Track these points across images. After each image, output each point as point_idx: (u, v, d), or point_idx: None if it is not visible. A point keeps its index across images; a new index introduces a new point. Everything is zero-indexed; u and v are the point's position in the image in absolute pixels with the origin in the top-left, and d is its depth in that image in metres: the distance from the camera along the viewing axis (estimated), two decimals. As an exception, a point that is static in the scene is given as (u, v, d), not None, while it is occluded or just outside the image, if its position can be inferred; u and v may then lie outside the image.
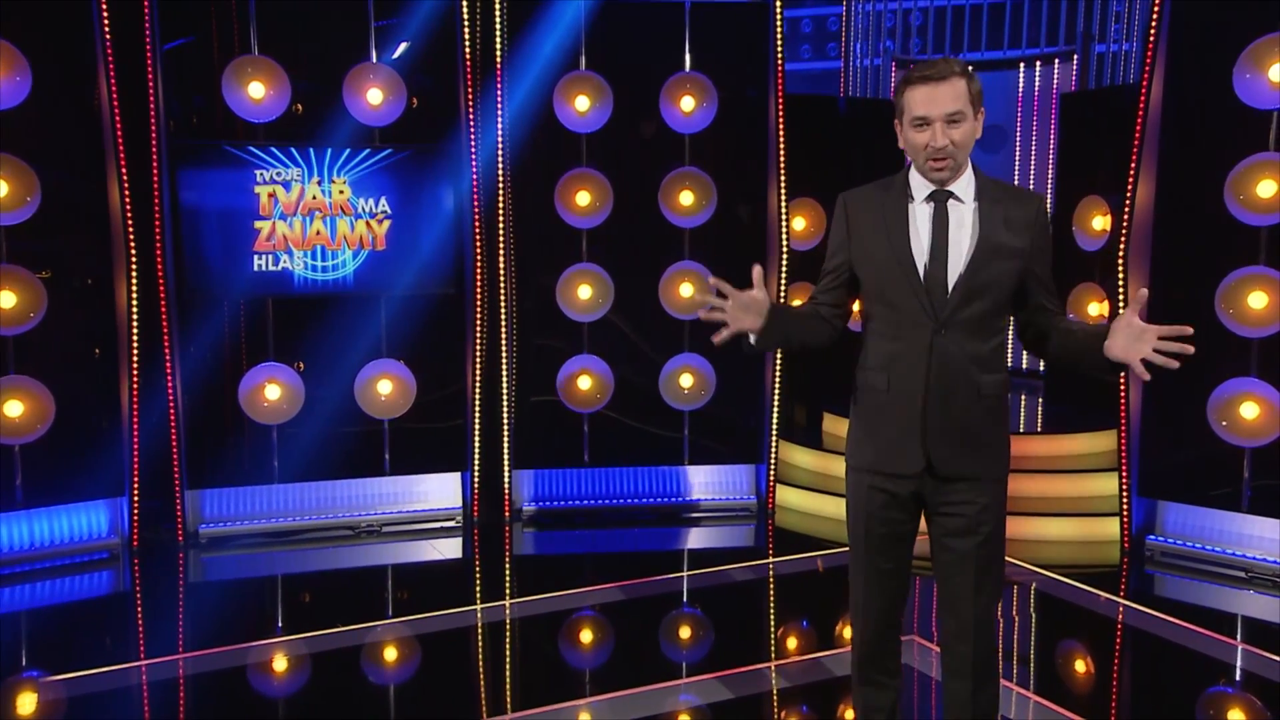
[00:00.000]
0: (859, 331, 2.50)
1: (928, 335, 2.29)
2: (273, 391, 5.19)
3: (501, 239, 5.37)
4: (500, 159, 5.32)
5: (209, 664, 3.77)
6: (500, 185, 5.34)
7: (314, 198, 5.15)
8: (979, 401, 2.31)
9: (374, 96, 5.17)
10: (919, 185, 2.34)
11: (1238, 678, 3.76)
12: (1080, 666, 3.97)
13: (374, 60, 5.24)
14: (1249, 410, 4.55)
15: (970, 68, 2.32)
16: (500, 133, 5.30)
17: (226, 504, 5.28)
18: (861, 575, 2.46)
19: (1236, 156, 4.49)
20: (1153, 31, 4.65)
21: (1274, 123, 4.45)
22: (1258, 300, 4.47)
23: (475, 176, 5.27)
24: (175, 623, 4.29)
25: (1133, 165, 4.72)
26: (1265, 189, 4.41)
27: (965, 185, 2.32)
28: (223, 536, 5.20)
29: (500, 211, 5.35)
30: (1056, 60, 8.11)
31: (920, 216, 2.33)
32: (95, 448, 4.97)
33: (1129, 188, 4.74)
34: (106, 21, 4.69)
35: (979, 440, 2.33)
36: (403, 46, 5.29)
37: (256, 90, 5.00)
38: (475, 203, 5.28)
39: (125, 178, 4.78)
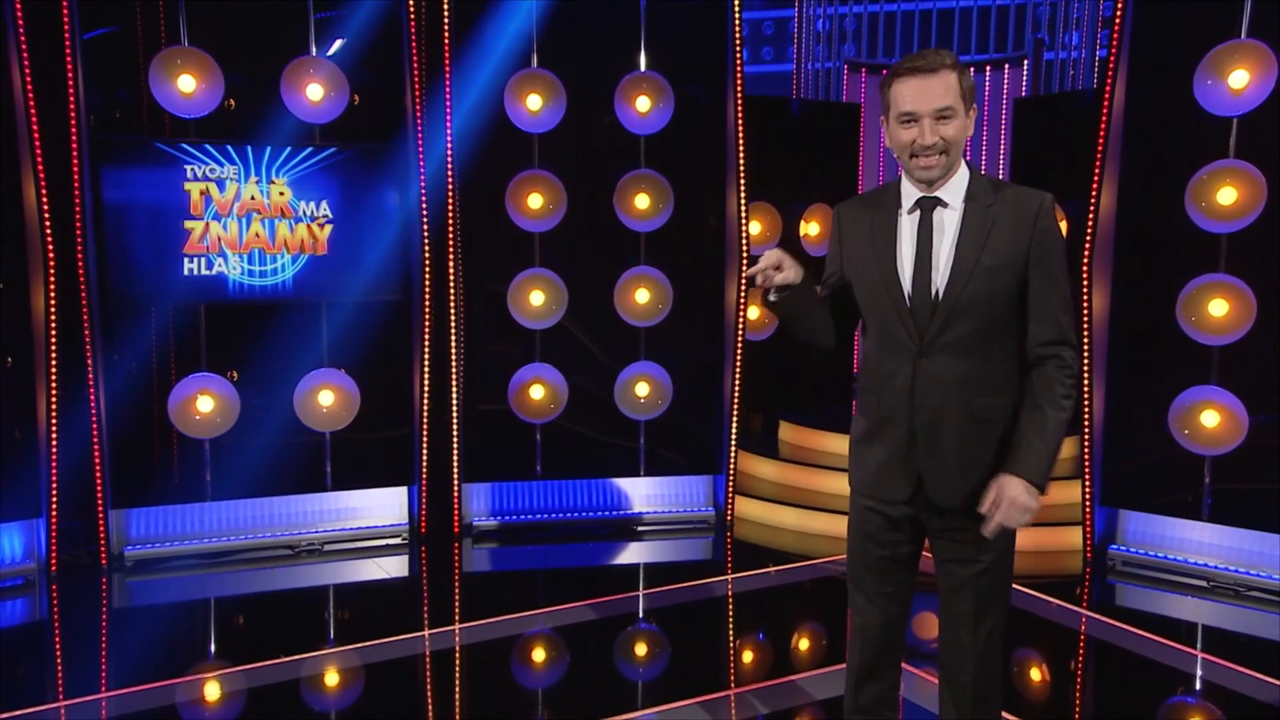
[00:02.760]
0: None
1: (911, 357, 2.14)
2: (205, 403, 4.89)
3: (451, 243, 5.14)
4: (449, 159, 5.09)
5: (135, 703, 3.47)
6: (449, 187, 5.11)
7: (252, 198, 4.87)
8: (974, 426, 2.15)
9: (314, 93, 4.90)
10: (908, 193, 2.20)
11: (1199, 687, 3.71)
12: (1044, 679, 3.88)
13: (314, 54, 4.98)
14: (1210, 418, 4.53)
15: (962, 63, 2.15)
16: (448, 132, 5.08)
17: (154, 524, 4.96)
18: (861, 599, 2.32)
19: (1197, 163, 4.47)
20: (1115, 38, 4.61)
21: (1233, 130, 4.44)
22: (1218, 308, 4.46)
23: (423, 177, 5.04)
24: (98, 656, 3.98)
25: (1096, 172, 4.68)
26: (1226, 196, 4.40)
27: (955, 190, 2.16)
28: (150, 559, 4.88)
29: (450, 214, 5.12)
30: (1006, 66, 8.14)
31: (906, 228, 2.17)
32: (9, 465, 4.61)
33: (1093, 194, 4.70)
34: (20, 7, 4.36)
35: (976, 468, 2.17)
36: (339, 43, 5.04)
37: (187, 84, 4.71)
38: (423, 205, 5.05)
39: (42, 175, 4.44)
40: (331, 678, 3.77)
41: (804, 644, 4.18)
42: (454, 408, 5.25)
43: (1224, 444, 4.52)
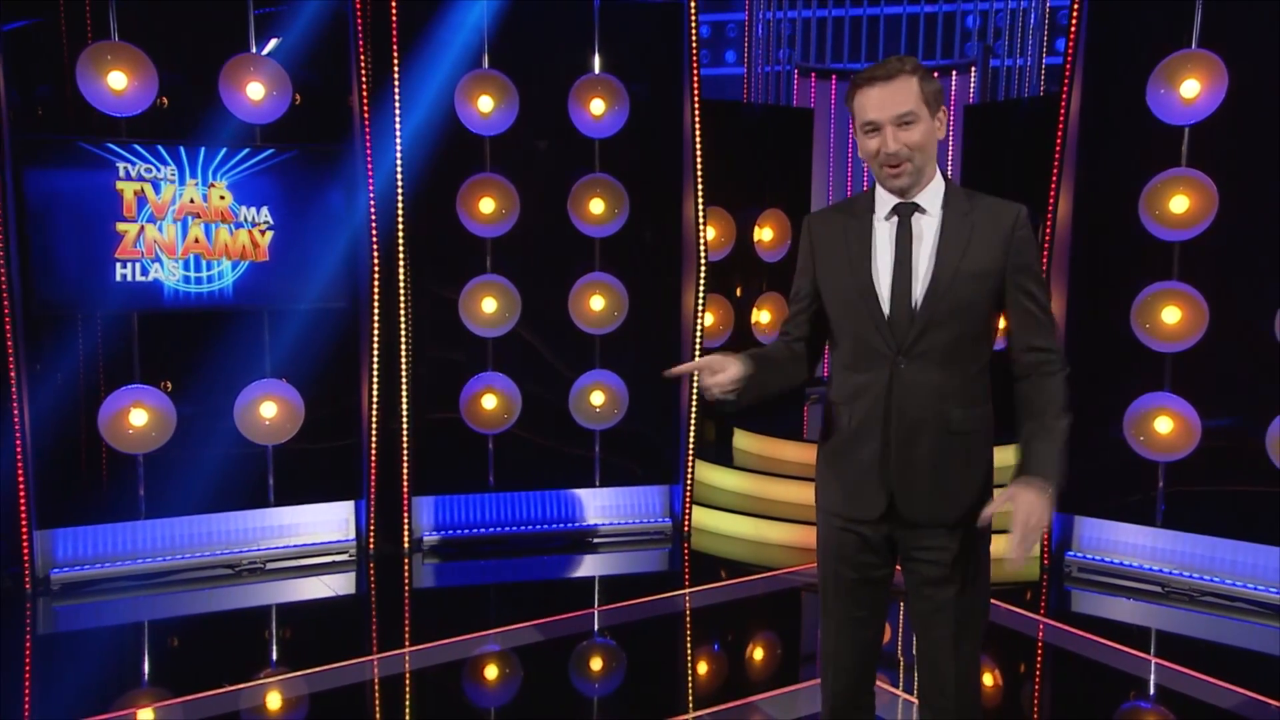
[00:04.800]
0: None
1: (888, 366, 2.08)
2: (139, 417, 4.65)
3: (401, 248, 4.97)
4: (398, 162, 4.92)
5: (62, 740, 3.27)
6: (398, 191, 4.94)
7: (191, 201, 4.64)
8: (950, 439, 2.10)
9: (255, 91, 4.70)
10: (883, 200, 2.15)
11: (1154, 693, 3.72)
12: (1001, 686, 3.86)
13: (254, 51, 4.77)
14: (1163, 425, 4.57)
15: (924, 67, 2.11)
16: (397, 134, 4.90)
17: (84, 544, 4.70)
18: (833, 624, 2.24)
19: (1151, 172, 4.51)
20: (1070, 45, 4.63)
21: (1185, 138, 4.48)
22: (1171, 315, 4.49)
23: (371, 181, 4.86)
24: (20, 688, 3.73)
25: (1054, 180, 4.69)
26: (1178, 204, 4.44)
27: (932, 196, 2.12)
28: (78, 582, 4.62)
29: (399, 219, 4.95)
30: (954, 72, 8.19)
31: (883, 235, 2.12)
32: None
33: (1050, 202, 4.71)
34: (-65, -4, 4.10)
35: (951, 482, 2.11)
36: (274, 42, 4.84)
37: (117, 80, 4.47)
38: (371, 209, 4.87)
39: (-41, 176, 4.19)
40: (275, 705, 3.58)
41: (767, 661, 4.11)
42: (403, 419, 5.08)
43: (1177, 450, 4.56)
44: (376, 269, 4.90)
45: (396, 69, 4.89)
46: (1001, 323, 2.19)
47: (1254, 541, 4.45)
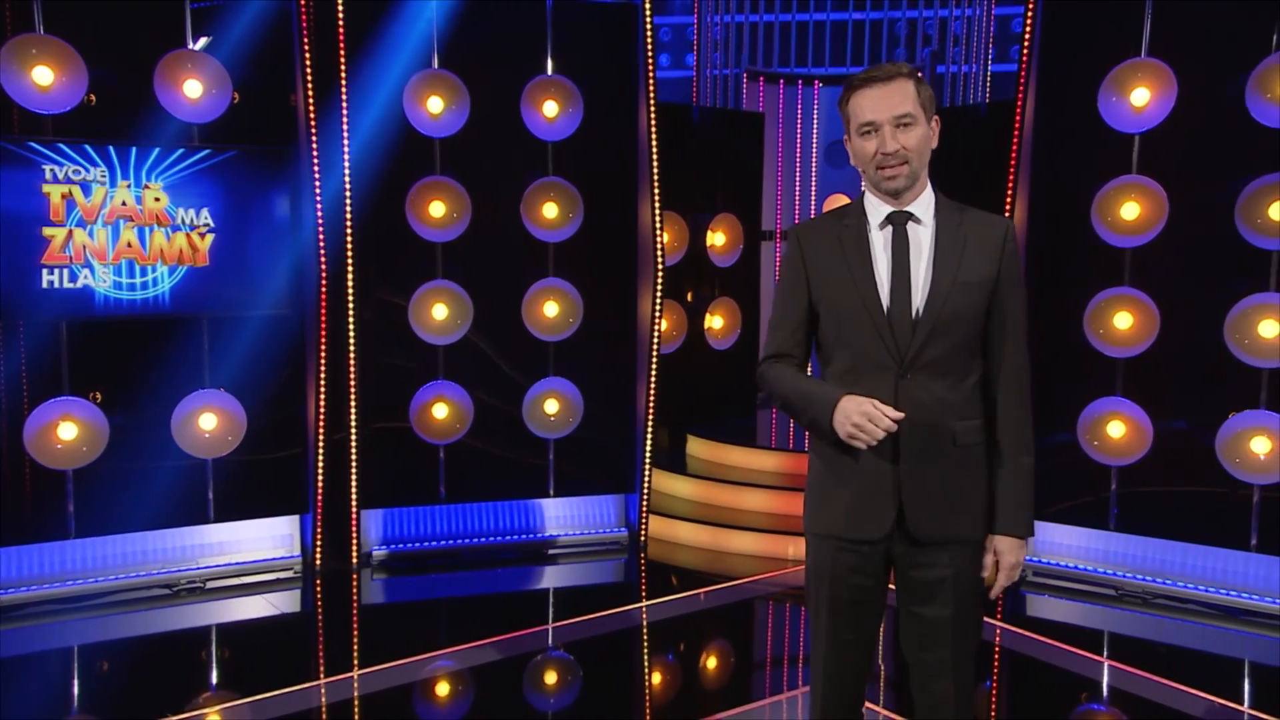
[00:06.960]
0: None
1: (893, 378, 2.03)
2: (68, 430, 4.41)
3: (349, 253, 4.79)
4: (345, 164, 4.75)
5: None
6: (346, 194, 4.77)
7: (123, 203, 4.42)
8: (955, 452, 2.06)
9: (192, 89, 4.50)
10: (875, 209, 2.11)
11: (1106, 695, 3.74)
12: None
13: (191, 47, 4.57)
14: (1115, 429, 4.62)
15: (920, 74, 2.08)
16: (345, 135, 4.74)
17: (7, 566, 4.44)
18: (822, 647, 2.17)
19: (1102, 178, 4.55)
20: (1025, 53, 4.66)
21: (1135, 146, 4.54)
22: (1123, 320, 4.55)
23: (317, 183, 4.68)
24: (-60, 723, 3.49)
25: (1010, 187, 4.72)
26: (1129, 211, 4.49)
27: (925, 205, 2.09)
28: (2, 606, 4.36)
29: (347, 223, 4.78)
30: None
31: (879, 244, 2.08)
32: None
33: (1007, 208, 4.73)
34: None
35: (958, 497, 2.08)
36: (204, 40, 4.63)
37: (43, 76, 4.24)
38: (318, 212, 4.69)
39: None
40: (219, 736, 3.40)
41: (730, 676, 4.04)
42: (351, 429, 4.91)
43: (1130, 454, 4.61)
44: (324, 274, 4.73)
45: (343, 68, 4.72)
46: None
47: (1206, 544, 4.52)
